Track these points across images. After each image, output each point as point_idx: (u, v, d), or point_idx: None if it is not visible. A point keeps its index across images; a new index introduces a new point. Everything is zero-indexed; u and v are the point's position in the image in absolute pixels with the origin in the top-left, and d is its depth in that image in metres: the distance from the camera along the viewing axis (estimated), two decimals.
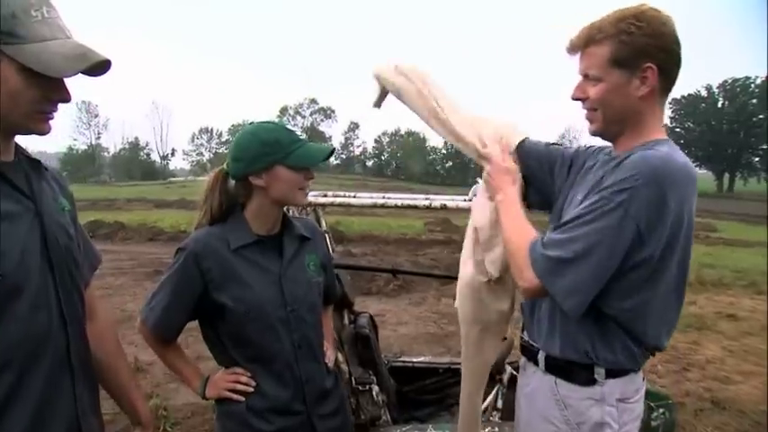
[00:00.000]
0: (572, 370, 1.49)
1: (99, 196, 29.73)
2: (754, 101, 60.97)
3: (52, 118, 1.17)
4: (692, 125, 66.56)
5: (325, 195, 3.31)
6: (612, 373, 1.46)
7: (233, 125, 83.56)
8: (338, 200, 2.75)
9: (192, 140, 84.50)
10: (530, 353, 1.64)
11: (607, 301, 1.39)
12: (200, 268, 1.59)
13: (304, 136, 1.72)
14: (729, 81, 64.04)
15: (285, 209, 1.76)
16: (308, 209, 3.09)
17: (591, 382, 1.46)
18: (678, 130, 65.99)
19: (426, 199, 3.01)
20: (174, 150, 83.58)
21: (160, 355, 1.74)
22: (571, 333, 1.47)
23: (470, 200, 3.24)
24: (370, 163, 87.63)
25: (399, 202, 2.65)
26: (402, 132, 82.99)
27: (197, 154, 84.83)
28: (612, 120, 1.46)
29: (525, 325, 1.69)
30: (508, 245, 1.52)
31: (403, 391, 3.34)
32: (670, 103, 68.45)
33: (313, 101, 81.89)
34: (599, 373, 1.45)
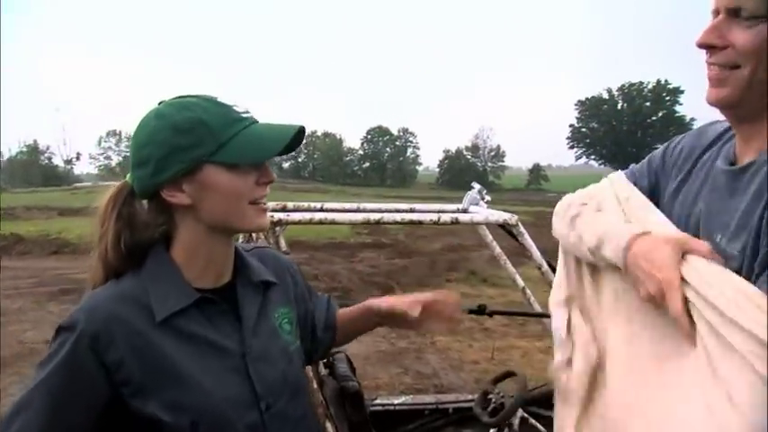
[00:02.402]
0: None
1: None
2: (648, 104, 65.60)
3: None
4: (596, 125, 69.65)
5: (285, 209, 2.71)
6: None
7: None
8: (316, 216, 2.12)
9: (99, 144, 79.45)
10: None
11: None
12: (101, 362, 0.91)
13: (249, 113, 1.03)
14: (627, 85, 67.79)
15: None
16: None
17: None
18: (584, 130, 69.07)
19: (414, 211, 2.49)
20: (79, 154, 77.53)
21: None
22: None
23: (465, 209, 2.76)
24: (286, 165, 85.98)
25: (399, 218, 2.08)
26: (318, 134, 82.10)
27: (105, 158, 80.00)
28: (760, 86, 0.89)
29: None
30: None
31: None
32: (576, 104, 72.32)
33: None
34: None
